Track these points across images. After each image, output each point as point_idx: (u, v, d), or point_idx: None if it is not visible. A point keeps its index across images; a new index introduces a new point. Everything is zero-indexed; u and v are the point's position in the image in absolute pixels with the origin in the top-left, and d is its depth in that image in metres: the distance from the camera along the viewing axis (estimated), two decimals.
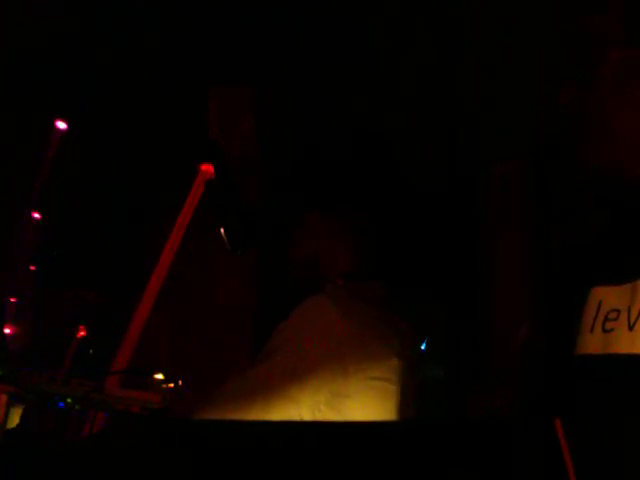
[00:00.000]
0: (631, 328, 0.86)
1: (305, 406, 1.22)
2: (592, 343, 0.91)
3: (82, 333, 4.86)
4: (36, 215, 4.86)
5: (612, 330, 0.88)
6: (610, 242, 1.03)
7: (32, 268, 5.17)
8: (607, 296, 0.92)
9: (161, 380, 2.30)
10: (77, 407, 1.29)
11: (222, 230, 1.61)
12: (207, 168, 1.94)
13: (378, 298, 1.42)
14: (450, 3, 2.62)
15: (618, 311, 0.89)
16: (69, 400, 1.24)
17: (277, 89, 3.18)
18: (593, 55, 0.93)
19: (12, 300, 5.00)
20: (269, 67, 3.10)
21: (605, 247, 1.03)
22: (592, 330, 0.92)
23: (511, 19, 2.53)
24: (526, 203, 3.29)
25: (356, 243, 1.46)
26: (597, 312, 0.92)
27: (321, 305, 1.29)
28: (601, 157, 0.93)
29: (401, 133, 3.22)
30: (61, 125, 4.07)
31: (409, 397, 1.34)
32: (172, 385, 2.55)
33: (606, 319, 0.90)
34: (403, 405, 1.32)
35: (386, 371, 1.30)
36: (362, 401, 1.25)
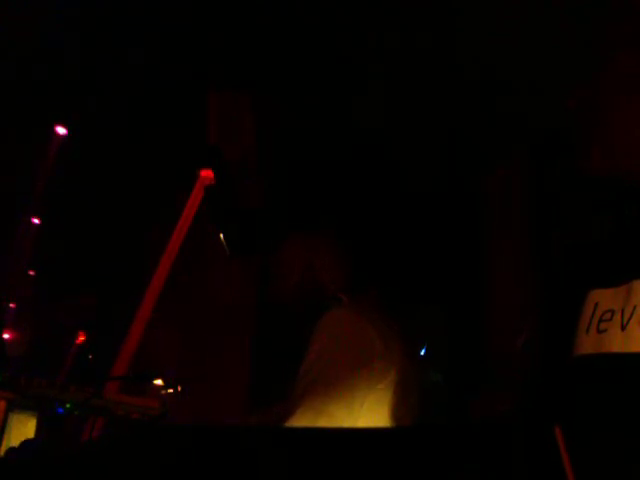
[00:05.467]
0: (624, 328, 0.87)
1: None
2: (587, 344, 0.92)
3: (81, 338, 4.86)
4: (35, 220, 4.86)
5: (606, 330, 0.90)
6: (608, 244, 1.04)
7: (31, 273, 5.17)
8: (603, 298, 0.94)
9: (160, 386, 2.30)
10: (76, 413, 1.29)
11: (221, 234, 1.61)
12: (207, 173, 1.94)
13: (380, 306, 1.42)
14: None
15: (612, 312, 0.91)
16: (68, 406, 1.23)
17: (277, 94, 3.18)
18: (602, 57, 0.93)
19: (11, 305, 4.99)
20: (269, 72, 3.10)
21: (603, 249, 1.04)
22: (588, 331, 0.93)
23: (516, 19, 2.52)
24: (526, 204, 3.29)
25: (347, 256, 1.46)
26: (593, 314, 0.94)
27: (345, 317, 1.30)
28: (606, 159, 0.93)
29: (401, 134, 3.22)
30: (61, 130, 4.07)
31: (412, 401, 1.34)
32: (171, 391, 2.55)
33: (601, 320, 0.91)
34: (406, 408, 1.32)
35: (396, 376, 1.31)
36: (374, 409, 1.26)
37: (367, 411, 1.26)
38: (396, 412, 1.31)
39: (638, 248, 0.95)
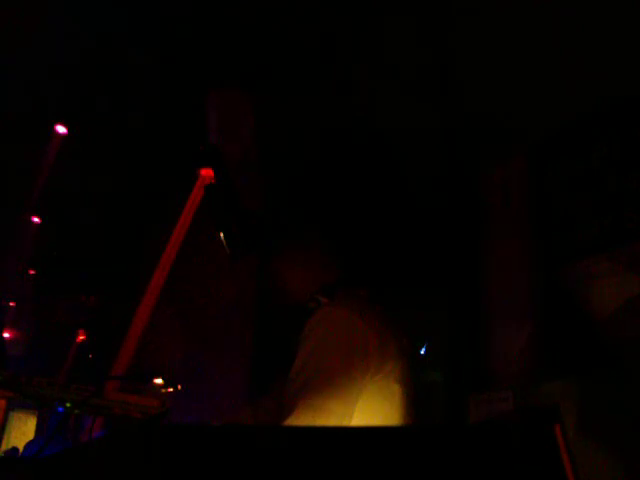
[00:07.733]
0: None
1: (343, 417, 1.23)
2: None
3: (81, 337, 4.86)
4: (35, 219, 4.86)
5: None
6: None
7: (31, 272, 5.17)
8: None
9: (160, 385, 2.30)
10: (76, 412, 1.29)
11: (221, 234, 1.61)
12: (207, 172, 1.94)
13: (372, 304, 1.42)
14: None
15: None
16: (68, 405, 1.23)
17: (277, 94, 3.18)
18: None
19: (11, 304, 4.99)
20: (268, 72, 3.10)
21: None
22: None
23: (518, 20, 2.52)
24: (526, 204, 3.29)
25: (324, 262, 1.46)
26: None
27: (337, 313, 1.30)
28: None
29: (401, 136, 3.22)
30: (61, 129, 4.07)
31: (409, 395, 1.34)
32: (171, 389, 2.55)
33: None
34: (405, 407, 1.32)
35: (391, 372, 1.31)
36: (372, 401, 1.26)
37: (364, 405, 1.26)
38: (393, 406, 1.31)
39: None
